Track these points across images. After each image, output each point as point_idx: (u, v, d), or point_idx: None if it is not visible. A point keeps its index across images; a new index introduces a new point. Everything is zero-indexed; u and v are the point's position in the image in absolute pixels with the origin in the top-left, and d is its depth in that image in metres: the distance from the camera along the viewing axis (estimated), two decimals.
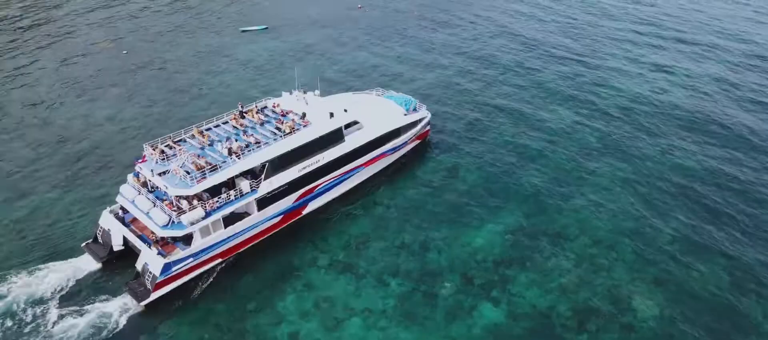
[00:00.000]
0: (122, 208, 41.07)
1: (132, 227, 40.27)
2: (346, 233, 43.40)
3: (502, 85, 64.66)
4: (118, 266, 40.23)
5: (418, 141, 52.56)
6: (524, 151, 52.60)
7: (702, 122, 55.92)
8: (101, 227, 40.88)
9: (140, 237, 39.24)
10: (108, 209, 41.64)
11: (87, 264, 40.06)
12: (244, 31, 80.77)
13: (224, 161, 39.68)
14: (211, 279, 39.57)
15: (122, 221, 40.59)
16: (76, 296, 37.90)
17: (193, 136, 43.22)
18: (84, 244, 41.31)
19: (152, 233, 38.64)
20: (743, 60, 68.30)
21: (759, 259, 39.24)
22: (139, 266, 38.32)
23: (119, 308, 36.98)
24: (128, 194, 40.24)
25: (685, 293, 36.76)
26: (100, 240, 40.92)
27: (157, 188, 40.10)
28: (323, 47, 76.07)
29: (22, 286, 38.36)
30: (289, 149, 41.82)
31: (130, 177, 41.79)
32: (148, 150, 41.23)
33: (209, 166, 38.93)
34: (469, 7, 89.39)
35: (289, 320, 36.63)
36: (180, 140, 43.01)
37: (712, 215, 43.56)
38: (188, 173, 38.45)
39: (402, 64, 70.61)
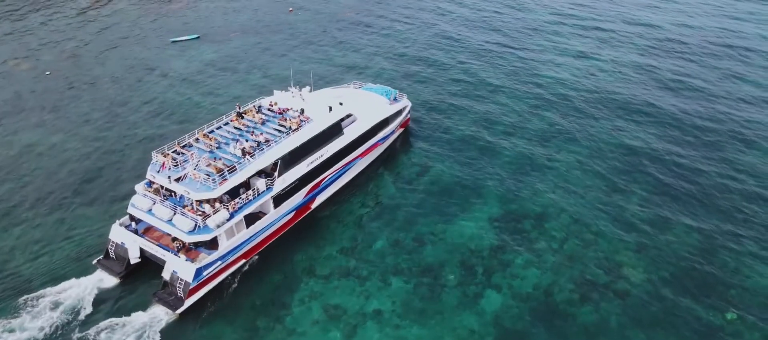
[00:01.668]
0: (132, 219, 39.81)
1: (146, 237, 39.18)
2: (338, 238, 43.21)
3: (446, 82, 66.61)
4: (126, 280, 39.04)
5: (402, 129, 54.73)
6: (485, 143, 54.79)
7: (636, 104, 61.09)
8: (113, 242, 39.41)
9: (160, 246, 38.26)
10: (117, 222, 40.28)
11: (98, 282, 38.50)
12: (174, 41, 76.90)
13: (239, 162, 39.77)
14: (218, 300, 38.07)
15: (135, 232, 39.30)
16: (96, 315, 36.35)
17: (197, 140, 42.95)
18: (95, 261, 39.93)
19: (174, 240, 38.05)
20: (655, 44, 75.34)
21: (714, 223, 43.82)
22: (166, 275, 37.33)
23: (148, 321, 35.86)
24: (143, 205, 39.06)
25: (664, 258, 40.40)
26: (112, 255, 39.42)
27: (173, 194, 39.61)
28: (258, 54, 74.33)
29: (30, 318, 36.04)
30: (298, 145, 42.69)
31: (139, 187, 40.51)
32: (158, 157, 40.22)
33: (227, 168, 38.92)
34: (399, 8, 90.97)
35: (301, 331, 36.03)
36: (186, 145, 42.50)
37: (665, 187, 47.95)
38: (209, 175, 38.28)
39: (341, 66, 70.67)
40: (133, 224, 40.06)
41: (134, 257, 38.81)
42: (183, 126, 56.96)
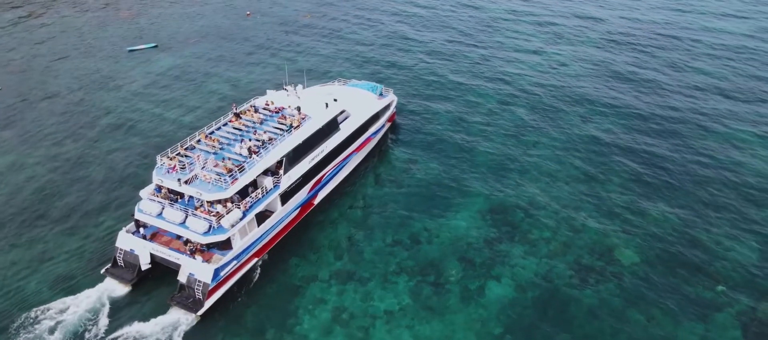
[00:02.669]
0: (138, 225, 39.57)
1: (155, 242, 38.58)
2: (333, 243, 42.94)
3: (413, 82, 66.89)
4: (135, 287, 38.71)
5: (389, 124, 55.87)
6: (462, 140, 55.65)
7: (598, 95, 63.60)
8: (121, 249, 38.67)
9: (173, 250, 38.22)
10: (124, 228, 39.62)
11: (109, 291, 37.89)
12: (131, 50, 73.75)
13: (246, 161, 40.20)
14: (224, 315, 37.15)
15: (143, 238, 39.19)
16: (113, 324, 35.95)
17: (199, 141, 42.94)
18: (104, 270, 39.17)
19: (186, 243, 38.01)
20: (607, 37, 78.72)
21: (688, 204, 46.32)
22: (182, 278, 37.27)
23: (168, 325, 35.67)
24: (152, 209, 38.51)
25: (649, 240, 42.45)
26: (121, 263, 39.06)
27: (180, 197, 39.57)
28: (220, 60, 72.44)
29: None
30: (301, 142, 43.41)
31: (145, 193, 40.13)
32: (164, 161, 39.81)
33: (237, 168, 39.31)
34: (355, 9, 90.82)
35: (313, 339, 35.54)
36: (189, 148, 42.33)
37: (638, 173, 50.19)
38: (220, 176, 38.46)
39: (306, 70, 69.63)
40: (141, 229, 39.63)
41: (145, 263, 38.50)
42: (148, 139, 55.12)
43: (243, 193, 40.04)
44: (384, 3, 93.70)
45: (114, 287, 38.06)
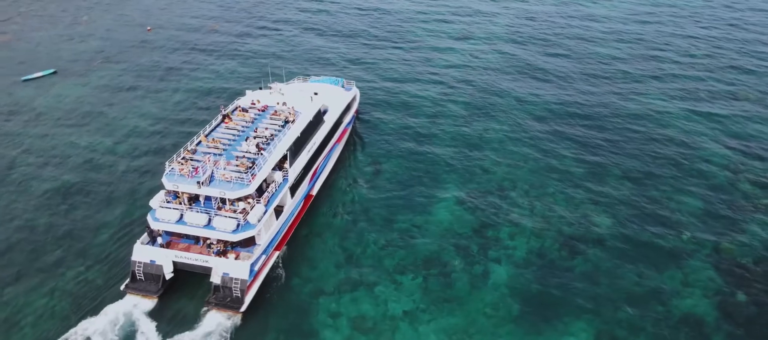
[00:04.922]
0: (152, 234, 38.60)
1: (175, 250, 38.18)
2: (328, 253, 41.93)
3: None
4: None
5: (356, 115, 57.38)
6: (416, 132, 56.99)
7: (521, 85, 68.14)
8: (140, 262, 37.66)
9: (198, 254, 37.62)
10: (138, 241, 38.38)
11: (133, 308, 36.36)
12: (26, 79, 65.00)
13: (256, 157, 40.89)
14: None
15: (161, 246, 38.33)
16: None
17: (199, 144, 42.76)
18: (123, 286, 37.71)
19: (210, 245, 37.68)
20: (507, 31, 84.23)
21: (634, 166, 51.45)
22: (215, 279, 36.81)
23: (214, 328, 35.31)
24: (169, 216, 37.84)
25: (615, 205, 46.58)
26: (141, 276, 37.66)
27: (197, 199, 39.09)
28: (128, 83, 66.52)
29: None
30: (299, 134, 44.50)
31: (157, 201, 39.01)
32: (175, 166, 38.58)
33: (253, 165, 39.87)
34: (259, 20, 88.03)
35: None
36: (192, 151, 41.83)
37: (585, 146, 54.64)
38: (240, 173, 38.67)
39: (229, 83, 66.75)
40: (159, 239, 38.66)
41: (169, 272, 37.72)
42: (62, 178, 49.68)
43: (258, 189, 39.91)
44: (283, 9, 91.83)
45: (138, 302, 36.81)
